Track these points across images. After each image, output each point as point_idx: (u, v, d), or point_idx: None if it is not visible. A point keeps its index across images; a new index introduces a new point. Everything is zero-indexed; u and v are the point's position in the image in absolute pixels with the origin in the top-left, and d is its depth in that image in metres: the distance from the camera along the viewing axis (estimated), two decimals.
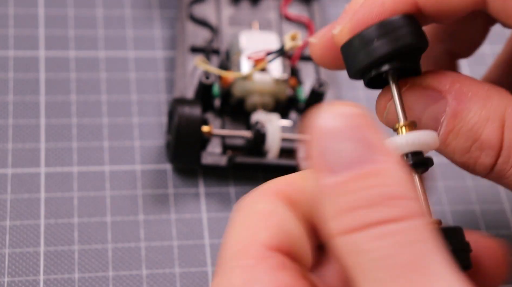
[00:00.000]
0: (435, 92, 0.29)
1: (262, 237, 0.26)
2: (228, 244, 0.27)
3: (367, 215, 0.22)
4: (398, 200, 0.23)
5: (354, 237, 0.23)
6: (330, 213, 0.23)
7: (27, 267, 0.39)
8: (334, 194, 0.23)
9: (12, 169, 0.43)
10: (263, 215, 0.27)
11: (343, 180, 0.23)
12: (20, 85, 0.46)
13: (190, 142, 0.42)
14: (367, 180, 0.23)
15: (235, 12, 0.49)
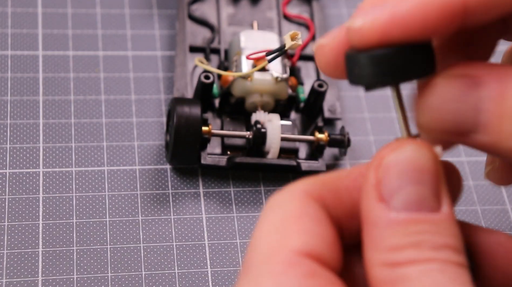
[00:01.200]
0: (471, 79, 0.26)
1: (293, 242, 0.25)
2: (257, 246, 0.26)
3: (415, 254, 0.25)
4: (447, 249, 0.25)
5: (397, 270, 0.25)
6: (380, 245, 0.25)
7: (26, 268, 0.39)
8: (389, 229, 0.25)
9: (11, 169, 0.42)
10: (295, 218, 0.26)
11: (401, 219, 0.25)
12: (19, 84, 0.46)
13: (189, 142, 0.42)
14: (423, 226, 0.25)
15: (235, 12, 0.49)
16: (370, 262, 0.25)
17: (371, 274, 0.25)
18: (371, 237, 0.26)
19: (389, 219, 0.25)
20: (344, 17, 0.52)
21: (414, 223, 0.25)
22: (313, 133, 0.44)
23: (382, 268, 0.25)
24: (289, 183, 0.45)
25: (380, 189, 0.26)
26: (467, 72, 0.26)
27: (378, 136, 0.47)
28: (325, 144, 0.44)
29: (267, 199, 0.28)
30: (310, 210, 0.26)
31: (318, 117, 0.45)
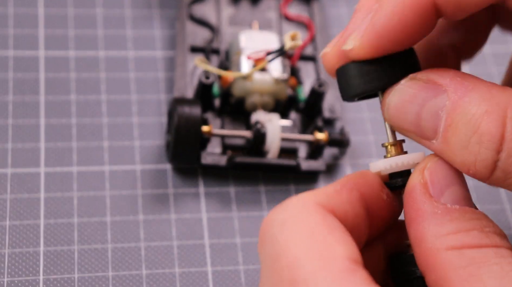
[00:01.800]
0: (435, 86, 0.28)
1: (340, 251, 0.26)
2: (302, 260, 0.25)
3: (481, 237, 0.27)
4: (504, 237, 0.28)
5: (467, 252, 0.27)
6: (441, 231, 0.27)
7: (27, 267, 0.39)
8: (448, 215, 0.28)
9: (12, 169, 0.43)
10: (327, 230, 0.26)
11: (457, 208, 0.28)
12: (20, 85, 0.46)
13: (189, 142, 0.42)
14: (477, 215, 0.28)
15: (235, 12, 0.49)
16: (432, 249, 0.27)
17: (435, 260, 0.27)
18: (428, 226, 0.27)
19: (446, 208, 0.28)
20: (344, 17, 0.52)
21: (470, 212, 0.28)
22: (313, 133, 0.44)
23: (450, 253, 0.27)
24: (289, 183, 0.45)
25: (428, 188, 0.28)
26: (431, 78, 0.28)
27: (378, 136, 0.47)
28: (325, 144, 0.44)
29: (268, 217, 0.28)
30: (334, 223, 0.27)
31: (318, 117, 0.46)
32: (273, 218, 0.28)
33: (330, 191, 0.28)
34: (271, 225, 0.27)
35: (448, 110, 0.28)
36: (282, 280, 0.26)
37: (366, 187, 0.29)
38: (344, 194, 0.28)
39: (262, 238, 0.28)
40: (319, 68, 0.48)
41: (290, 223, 0.27)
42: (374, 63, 0.28)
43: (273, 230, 0.27)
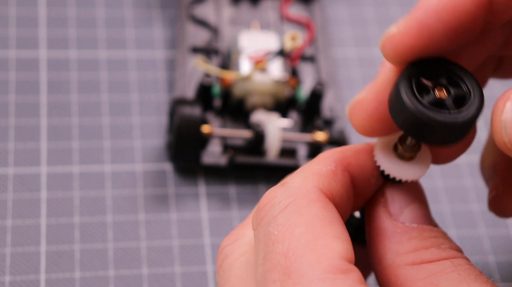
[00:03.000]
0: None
1: (336, 248, 0.26)
2: (299, 252, 0.25)
3: (440, 252, 0.28)
4: (460, 252, 0.29)
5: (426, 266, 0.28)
6: (401, 249, 0.28)
7: (29, 266, 0.39)
8: (407, 235, 0.29)
9: (14, 168, 0.43)
10: (327, 223, 0.26)
11: (416, 227, 0.29)
12: (21, 85, 0.46)
13: (190, 142, 0.42)
14: (435, 233, 0.29)
15: (235, 12, 0.49)
16: (392, 266, 0.28)
17: (395, 276, 0.28)
18: (388, 245, 0.28)
19: (405, 227, 0.29)
20: (344, 18, 0.52)
21: (428, 230, 0.29)
22: (312, 133, 0.44)
23: (409, 268, 0.28)
24: None
25: (389, 207, 0.29)
26: None
27: None
28: (324, 144, 0.44)
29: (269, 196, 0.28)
30: (334, 214, 0.27)
31: (318, 117, 0.46)
32: (275, 199, 0.27)
33: (328, 173, 0.28)
34: (271, 205, 0.27)
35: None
36: (275, 267, 0.26)
37: (358, 168, 0.30)
38: (339, 176, 0.29)
39: (259, 216, 0.28)
40: (319, 68, 0.48)
41: (291, 208, 0.27)
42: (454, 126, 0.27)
43: (273, 212, 0.27)
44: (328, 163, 0.29)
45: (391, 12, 0.53)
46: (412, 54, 0.27)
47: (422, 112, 0.26)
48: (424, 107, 0.27)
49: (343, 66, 0.50)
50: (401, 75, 0.28)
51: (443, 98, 0.27)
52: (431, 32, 0.27)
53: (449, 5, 0.26)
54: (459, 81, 0.28)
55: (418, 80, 0.27)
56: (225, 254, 0.30)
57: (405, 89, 0.27)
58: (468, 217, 0.45)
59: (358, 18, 0.53)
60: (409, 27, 0.27)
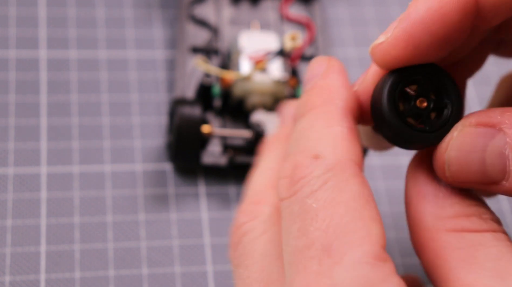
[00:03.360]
0: (489, 128, 0.27)
1: (376, 233, 0.25)
2: (339, 229, 0.25)
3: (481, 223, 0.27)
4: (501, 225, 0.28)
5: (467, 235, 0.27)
6: (443, 213, 0.27)
7: (29, 266, 0.39)
8: (451, 199, 0.27)
9: (14, 168, 0.43)
10: (365, 203, 0.26)
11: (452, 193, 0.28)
12: (21, 85, 0.46)
13: (190, 142, 0.42)
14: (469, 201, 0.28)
15: (235, 12, 0.50)
16: (432, 230, 0.27)
17: (433, 240, 0.27)
18: (429, 208, 0.27)
19: (448, 191, 0.27)
20: (344, 18, 0.52)
21: (470, 197, 0.27)
22: None
23: (449, 234, 0.27)
24: None
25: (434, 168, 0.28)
26: (484, 120, 0.27)
27: None
28: None
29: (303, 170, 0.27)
30: (369, 191, 0.27)
31: None
32: (313, 173, 0.26)
33: (348, 134, 0.28)
34: (309, 179, 0.26)
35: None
36: (313, 243, 0.25)
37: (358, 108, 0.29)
38: (355, 132, 0.28)
39: (294, 189, 0.27)
40: None
41: (332, 184, 0.26)
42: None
43: (312, 186, 0.26)
44: (340, 120, 0.28)
45: (391, 12, 0.53)
46: (400, 62, 0.28)
47: (398, 126, 0.27)
48: (400, 119, 0.27)
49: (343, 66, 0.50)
50: (385, 79, 0.28)
51: (422, 108, 0.28)
52: (418, 44, 0.27)
53: (435, 16, 0.26)
54: (443, 91, 0.28)
55: (402, 87, 0.28)
56: (244, 231, 0.29)
57: (386, 97, 0.27)
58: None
59: (358, 18, 0.53)
60: (396, 38, 0.27)
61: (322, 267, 0.24)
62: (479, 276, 0.26)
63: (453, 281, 0.26)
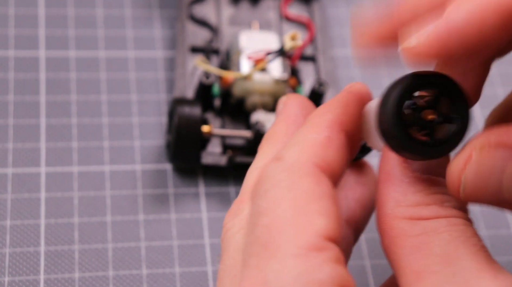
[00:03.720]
0: (507, 149, 0.26)
1: (317, 225, 0.26)
2: (280, 226, 0.26)
3: (440, 211, 0.27)
4: (465, 211, 0.28)
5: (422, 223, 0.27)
6: (403, 201, 0.28)
7: (28, 267, 0.39)
8: (413, 187, 0.28)
9: (13, 169, 0.43)
10: (315, 198, 0.26)
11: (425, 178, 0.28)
12: (21, 85, 0.46)
13: (190, 142, 0.42)
14: (443, 189, 0.28)
15: (235, 12, 0.49)
16: (390, 216, 0.28)
17: (390, 226, 0.28)
18: (392, 193, 0.28)
19: (415, 176, 0.28)
20: (344, 18, 0.52)
21: (437, 185, 0.28)
22: None
23: (405, 222, 0.27)
24: None
25: None
26: (505, 141, 0.26)
27: None
28: None
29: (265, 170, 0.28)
30: (325, 188, 0.27)
31: None
32: (270, 173, 0.27)
33: (323, 141, 0.28)
34: (266, 179, 0.27)
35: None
36: (257, 239, 0.26)
37: (352, 123, 0.29)
38: (335, 141, 0.28)
39: (254, 190, 0.28)
40: (319, 68, 0.48)
41: (284, 183, 0.27)
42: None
43: (266, 186, 0.27)
44: (322, 130, 0.28)
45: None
46: (428, 65, 0.27)
47: (400, 136, 0.27)
48: (402, 129, 0.27)
49: (343, 66, 0.50)
50: (395, 86, 0.27)
51: (428, 120, 0.27)
52: (451, 54, 0.26)
53: (474, 27, 0.25)
54: (453, 106, 0.28)
55: (410, 96, 0.27)
56: (226, 228, 0.30)
57: (393, 105, 0.27)
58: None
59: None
60: (428, 43, 0.26)
61: (259, 261, 0.25)
62: (428, 262, 0.26)
63: (404, 267, 0.27)
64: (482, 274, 0.26)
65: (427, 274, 0.26)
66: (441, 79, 0.28)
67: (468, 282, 0.26)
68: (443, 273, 0.26)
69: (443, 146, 0.27)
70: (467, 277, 0.26)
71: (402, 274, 0.27)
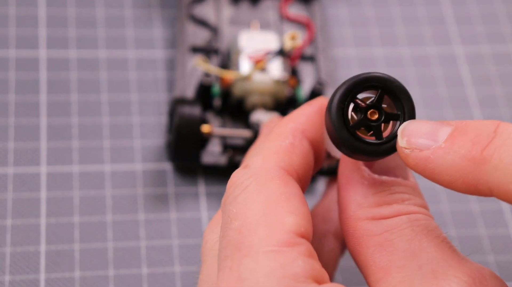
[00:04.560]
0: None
1: (288, 223, 0.26)
2: (252, 226, 0.26)
3: (401, 208, 0.28)
4: (425, 208, 0.29)
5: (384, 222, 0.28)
6: (364, 202, 0.29)
7: (29, 266, 0.39)
8: (373, 188, 0.29)
9: (13, 168, 0.43)
10: (285, 198, 0.27)
11: (384, 180, 0.29)
12: (21, 85, 0.46)
13: (190, 142, 0.42)
14: (404, 188, 0.29)
15: (235, 12, 0.50)
16: (353, 218, 0.28)
17: (354, 228, 0.28)
18: (353, 196, 0.29)
19: (373, 179, 0.29)
20: (344, 18, 0.52)
21: (396, 185, 0.29)
22: None
23: (367, 222, 0.28)
24: None
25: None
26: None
27: None
28: None
29: (233, 179, 0.29)
30: (294, 189, 0.28)
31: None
32: (238, 180, 0.28)
33: (287, 148, 0.29)
34: (235, 186, 0.28)
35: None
36: (229, 242, 0.26)
37: (315, 132, 0.30)
38: (299, 147, 0.29)
39: (224, 198, 0.29)
40: (319, 68, 0.48)
41: (252, 188, 0.27)
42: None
43: (235, 192, 0.28)
44: (286, 137, 0.30)
45: (391, 12, 0.53)
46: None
47: (346, 138, 0.28)
48: (347, 130, 0.28)
49: (343, 66, 0.50)
50: (336, 91, 0.28)
51: (373, 120, 0.28)
52: None
53: None
54: (396, 102, 0.28)
55: (352, 98, 0.28)
56: (205, 240, 0.31)
57: (336, 109, 0.28)
58: (468, 217, 0.45)
59: (358, 18, 0.53)
60: None
61: (233, 262, 0.26)
62: (393, 257, 0.27)
63: (371, 265, 0.27)
64: (448, 263, 0.26)
65: (394, 269, 0.27)
66: (380, 79, 0.28)
67: (435, 272, 0.26)
68: (410, 267, 0.27)
69: (391, 143, 0.28)
70: (434, 268, 0.26)
71: (370, 272, 0.28)
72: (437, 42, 0.52)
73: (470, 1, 0.54)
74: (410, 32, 0.52)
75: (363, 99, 0.28)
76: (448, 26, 0.53)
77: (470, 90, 0.50)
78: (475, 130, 0.25)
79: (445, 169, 0.26)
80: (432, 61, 0.51)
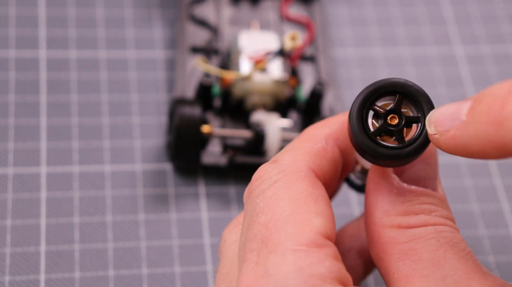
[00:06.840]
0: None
1: (315, 224, 0.26)
2: (280, 224, 0.26)
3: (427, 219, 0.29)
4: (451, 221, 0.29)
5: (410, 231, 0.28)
6: (392, 210, 0.29)
7: (28, 266, 0.39)
8: (402, 197, 0.29)
9: (13, 168, 0.43)
10: (312, 199, 0.27)
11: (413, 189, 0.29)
12: (21, 85, 0.46)
13: (190, 142, 0.42)
14: (432, 199, 0.29)
15: (235, 12, 0.50)
16: (379, 225, 0.29)
17: (379, 234, 0.29)
18: (381, 203, 0.29)
19: (402, 187, 0.29)
20: (344, 18, 0.52)
21: (425, 195, 0.29)
22: None
23: (393, 230, 0.28)
24: None
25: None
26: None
27: None
28: None
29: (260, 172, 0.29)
30: (321, 192, 0.28)
31: (318, 117, 0.46)
32: (266, 175, 0.28)
33: (319, 151, 0.29)
34: (262, 180, 0.28)
35: None
36: (255, 236, 0.27)
37: (347, 141, 0.30)
38: (330, 153, 0.30)
39: (250, 190, 0.29)
40: (319, 68, 0.48)
41: (280, 183, 0.28)
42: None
43: (262, 186, 0.28)
44: (319, 141, 0.30)
45: (391, 12, 0.53)
46: None
47: (367, 145, 0.28)
48: (368, 137, 0.28)
49: (343, 66, 0.50)
50: (357, 100, 0.28)
51: (394, 125, 0.28)
52: None
53: None
54: (415, 105, 0.28)
55: (370, 105, 0.28)
56: (224, 240, 0.31)
57: (355, 118, 0.28)
58: (468, 217, 0.45)
59: (358, 18, 0.53)
60: None
61: (260, 257, 0.26)
62: (417, 266, 0.27)
63: (394, 273, 0.28)
64: (471, 275, 0.27)
65: (417, 277, 0.27)
66: (397, 84, 0.29)
67: (458, 283, 0.27)
68: (433, 276, 0.27)
69: (414, 145, 0.28)
70: (457, 279, 0.27)
71: (392, 280, 0.28)
72: (437, 42, 0.52)
73: (470, 1, 0.54)
74: (410, 32, 0.52)
75: (383, 106, 0.29)
76: (448, 26, 0.53)
77: (470, 90, 0.50)
78: (490, 95, 0.25)
79: (472, 140, 0.25)
80: (432, 61, 0.51)
